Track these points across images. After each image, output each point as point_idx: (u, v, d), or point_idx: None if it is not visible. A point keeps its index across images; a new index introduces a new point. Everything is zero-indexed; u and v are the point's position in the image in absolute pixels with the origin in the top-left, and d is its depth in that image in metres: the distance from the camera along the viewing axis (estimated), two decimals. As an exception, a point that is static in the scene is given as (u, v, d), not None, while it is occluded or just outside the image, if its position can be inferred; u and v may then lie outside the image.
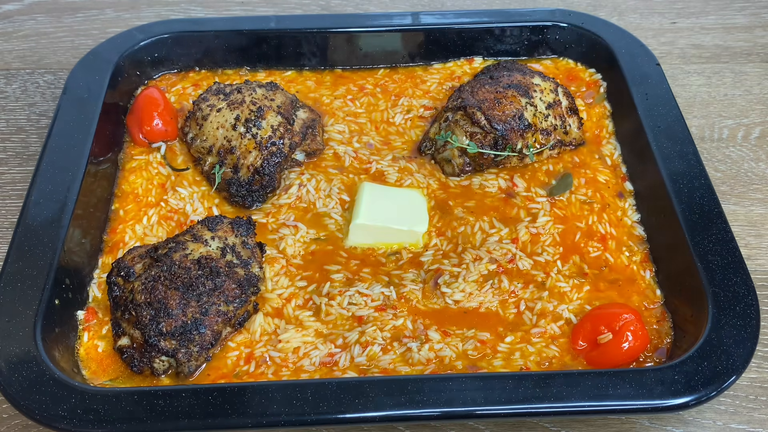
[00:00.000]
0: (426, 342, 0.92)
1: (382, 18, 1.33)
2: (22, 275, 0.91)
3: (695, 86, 1.35)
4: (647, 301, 0.97)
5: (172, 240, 0.95)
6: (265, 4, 1.54)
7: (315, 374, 0.89)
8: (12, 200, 1.16)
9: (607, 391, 0.80)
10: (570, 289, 0.98)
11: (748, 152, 1.22)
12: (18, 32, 1.46)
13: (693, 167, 1.04)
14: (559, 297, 0.97)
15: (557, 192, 1.09)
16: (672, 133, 1.08)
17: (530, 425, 0.89)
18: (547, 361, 0.91)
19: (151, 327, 0.87)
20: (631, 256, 1.02)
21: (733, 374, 0.82)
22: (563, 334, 0.93)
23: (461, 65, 1.29)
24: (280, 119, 1.10)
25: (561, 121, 1.13)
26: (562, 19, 1.28)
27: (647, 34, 1.45)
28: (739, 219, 1.12)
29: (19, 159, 1.22)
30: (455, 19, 1.30)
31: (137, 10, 1.52)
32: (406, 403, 0.79)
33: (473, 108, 1.09)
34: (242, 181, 1.07)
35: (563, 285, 0.99)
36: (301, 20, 1.32)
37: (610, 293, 0.98)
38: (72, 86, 1.15)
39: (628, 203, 1.08)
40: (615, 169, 1.13)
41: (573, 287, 0.98)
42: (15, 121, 1.28)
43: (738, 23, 1.48)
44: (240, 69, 1.29)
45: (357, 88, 1.26)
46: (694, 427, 0.89)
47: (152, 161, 1.14)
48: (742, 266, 0.92)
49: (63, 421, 0.79)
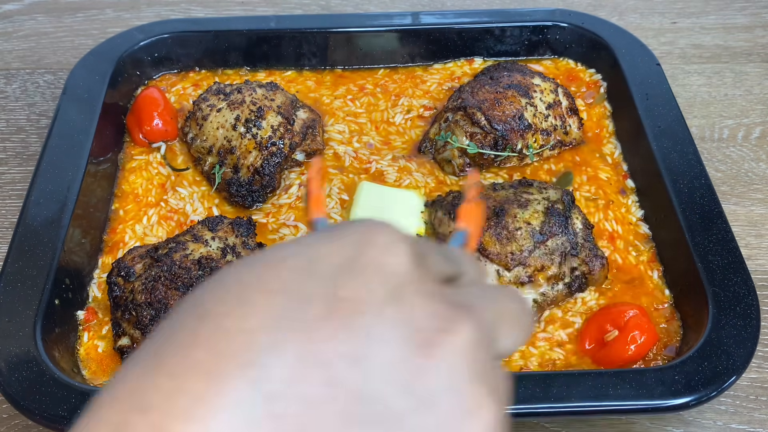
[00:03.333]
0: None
1: (382, 18, 1.33)
2: (22, 275, 0.91)
3: (695, 86, 1.35)
4: (656, 301, 0.97)
5: (173, 240, 0.95)
6: (265, 4, 1.54)
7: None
8: (12, 200, 1.16)
9: (608, 391, 0.80)
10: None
11: (748, 152, 1.22)
12: (18, 32, 1.46)
13: (693, 167, 1.04)
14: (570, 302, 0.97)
15: (557, 191, 1.09)
16: (672, 133, 1.08)
17: (530, 425, 0.89)
18: (550, 363, 0.90)
19: (152, 327, 0.87)
20: (638, 256, 1.02)
21: (734, 374, 0.82)
22: (570, 341, 0.93)
23: (461, 66, 1.29)
24: (280, 119, 1.10)
25: (561, 122, 1.13)
26: (563, 19, 1.28)
27: (647, 34, 1.45)
28: (739, 219, 1.11)
29: (19, 159, 1.22)
30: (455, 19, 1.30)
31: (137, 10, 1.52)
32: (406, 403, 0.79)
33: (473, 108, 1.09)
34: (242, 181, 1.07)
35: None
36: (301, 20, 1.32)
37: (624, 297, 0.97)
38: (72, 86, 1.15)
39: (631, 200, 1.08)
40: (616, 167, 1.13)
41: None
42: (15, 121, 1.28)
43: (738, 23, 1.48)
44: (240, 69, 1.29)
45: (357, 88, 1.26)
46: (694, 427, 0.89)
47: (152, 161, 1.14)
48: (742, 266, 0.91)
49: (63, 421, 0.79)
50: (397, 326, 0.36)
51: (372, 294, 0.37)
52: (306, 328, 0.35)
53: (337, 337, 0.35)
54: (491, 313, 0.42)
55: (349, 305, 0.36)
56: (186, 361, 0.34)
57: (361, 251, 0.38)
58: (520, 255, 0.91)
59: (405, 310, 0.37)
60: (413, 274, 0.39)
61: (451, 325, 0.37)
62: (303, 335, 0.35)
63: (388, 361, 0.35)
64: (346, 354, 0.35)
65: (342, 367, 0.34)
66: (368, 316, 0.36)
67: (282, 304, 0.36)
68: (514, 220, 0.93)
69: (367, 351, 0.35)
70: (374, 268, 0.38)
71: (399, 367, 0.35)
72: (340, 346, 0.35)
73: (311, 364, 0.34)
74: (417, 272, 0.39)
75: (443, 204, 1.00)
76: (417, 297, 0.38)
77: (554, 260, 0.93)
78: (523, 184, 1.00)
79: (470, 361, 0.37)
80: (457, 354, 0.37)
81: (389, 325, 0.36)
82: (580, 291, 0.96)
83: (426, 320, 0.37)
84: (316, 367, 0.34)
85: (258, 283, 0.37)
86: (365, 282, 0.37)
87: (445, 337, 0.37)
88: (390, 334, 0.36)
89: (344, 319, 0.36)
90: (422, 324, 0.37)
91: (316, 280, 0.37)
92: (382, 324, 0.36)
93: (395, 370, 0.35)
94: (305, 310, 0.36)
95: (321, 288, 0.37)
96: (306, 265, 0.38)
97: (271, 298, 0.36)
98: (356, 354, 0.35)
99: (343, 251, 0.38)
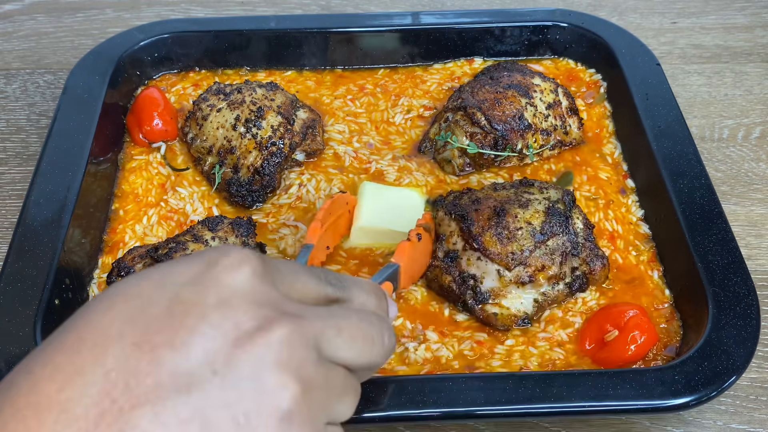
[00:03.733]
0: (423, 342, 0.92)
1: (382, 18, 1.33)
2: (22, 275, 0.91)
3: (695, 86, 1.35)
4: (656, 301, 0.96)
5: (173, 240, 0.95)
6: (265, 4, 1.54)
7: (315, 374, 0.89)
8: (12, 200, 1.16)
9: (608, 391, 0.80)
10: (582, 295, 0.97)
11: (748, 152, 1.22)
12: (18, 32, 1.46)
13: (693, 167, 1.04)
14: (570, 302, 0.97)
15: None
16: (672, 133, 1.08)
17: (530, 425, 0.89)
18: (550, 363, 0.90)
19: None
20: (638, 256, 1.02)
21: (734, 374, 0.81)
22: (570, 341, 0.93)
23: (461, 66, 1.29)
24: (280, 119, 1.10)
25: (561, 122, 1.13)
26: (563, 19, 1.28)
27: (647, 34, 1.45)
28: (739, 219, 1.11)
29: (19, 159, 1.22)
30: (455, 19, 1.30)
31: (137, 10, 1.52)
32: (406, 403, 0.79)
33: (473, 108, 1.09)
34: (242, 181, 1.07)
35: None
36: (301, 20, 1.32)
37: (624, 297, 0.97)
38: (72, 86, 1.15)
39: (631, 200, 1.08)
40: (616, 167, 1.13)
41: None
42: (15, 121, 1.28)
43: (738, 23, 1.48)
44: (240, 69, 1.29)
45: (357, 88, 1.26)
46: (694, 427, 0.89)
47: (152, 161, 1.14)
48: (742, 266, 0.91)
49: (63, 421, 0.79)
50: (219, 325, 0.48)
51: (204, 300, 0.49)
52: (144, 318, 0.48)
53: (165, 329, 0.47)
54: (326, 326, 0.53)
55: (184, 308, 0.48)
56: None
57: (207, 269, 0.51)
58: (520, 255, 0.91)
59: (229, 314, 0.49)
60: (254, 288, 0.51)
61: (269, 325, 0.49)
62: (142, 327, 0.47)
63: (205, 350, 0.47)
64: (170, 342, 0.47)
65: (164, 352, 0.46)
66: (195, 317, 0.48)
67: (136, 306, 0.49)
68: (514, 219, 0.93)
69: (189, 340, 0.47)
70: (214, 282, 0.50)
71: (213, 355, 0.47)
72: (167, 337, 0.47)
73: (143, 351, 0.46)
74: (260, 288, 0.51)
75: (444, 203, 1.00)
76: (246, 304, 0.49)
77: (555, 260, 0.93)
78: (524, 183, 1.00)
79: (278, 353, 0.48)
80: (266, 348, 0.48)
81: (213, 323, 0.48)
82: (580, 291, 0.96)
83: (248, 322, 0.49)
84: (144, 353, 0.46)
85: (123, 290, 0.50)
86: (202, 291, 0.49)
87: (259, 334, 0.49)
88: (212, 332, 0.48)
89: (177, 317, 0.48)
90: (244, 325, 0.49)
91: (165, 290, 0.50)
92: (206, 323, 0.48)
93: (209, 356, 0.47)
94: (147, 308, 0.48)
95: (167, 295, 0.49)
96: (160, 279, 0.51)
97: (128, 302, 0.49)
98: (178, 342, 0.47)
99: (193, 269, 0.51)
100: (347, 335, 0.55)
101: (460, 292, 0.93)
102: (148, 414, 0.44)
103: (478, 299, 0.92)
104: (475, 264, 0.93)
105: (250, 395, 0.47)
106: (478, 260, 0.93)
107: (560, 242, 0.93)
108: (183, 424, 0.45)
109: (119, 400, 0.44)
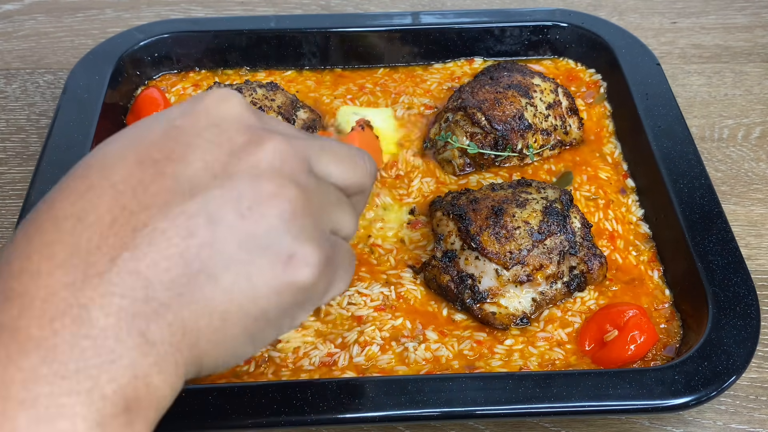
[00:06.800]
0: (423, 342, 0.92)
1: (382, 18, 1.33)
2: (22, 275, 0.90)
3: (695, 86, 1.35)
4: (656, 301, 0.96)
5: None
6: (265, 4, 1.54)
7: (315, 374, 0.89)
8: (12, 200, 1.16)
9: (608, 391, 0.80)
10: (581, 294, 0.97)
11: (748, 152, 1.22)
12: (18, 32, 1.46)
13: (693, 167, 1.03)
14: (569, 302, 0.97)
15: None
16: (672, 133, 1.08)
17: (530, 425, 0.89)
18: (550, 363, 0.90)
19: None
20: (638, 256, 1.02)
21: (734, 374, 0.81)
22: (570, 341, 0.93)
23: (461, 65, 1.29)
24: (281, 119, 1.10)
25: (561, 122, 1.13)
26: (563, 19, 1.28)
27: (647, 34, 1.45)
28: (739, 219, 1.11)
29: (19, 159, 1.22)
30: (455, 19, 1.30)
31: (137, 10, 1.52)
32: (406, 403, 0.79)
33: (473, 108, 1.09)
34: (242, 181, 1.07)
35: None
36: (301, 20, 1.32)
37: (624, 297, 0.97)
38: (72, 86, 1.15)
39: (631, 199, 1.08)
40: (616, 166, 1.13)
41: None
42: (15, 121, 1.28)
43: (738, 23, 1.48)
44: (240, 69, 1.29)
45: (357, 88, 1.26)
46: (694, 427, 0.89)
47: (152, 161, 1.14)
48: (742, 266, 0.91)
49: (62, 420, 0.79)
50: (214, 140, 0.54)
51: (197, 124, 0.55)
52: (144, 143, 0.54)
53: (164, 148, 0.53)
54: (313, 144, 0.58)
55: (179, 131, 0.54)
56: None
57: (197, 103, 0.56)
58: (518, 254, 0.91)
59: (223, 133, 0.54)
60: (242, 114, 0.56)
61: (260, 140, 0.55)
62: (143, 149, 0.53)
63: (203, 160, 0.53)
64: (169, 156, 0.53)
65: (166, 164, 0.52)
66: (191, 135, 0.54)
67: (135, 135, 0.55)
68: (512, 219, 0.93)
69: (187, 153, 0.53)
70: (205, 112, 0.55)
71: (212, 164, 0.53)
72: (166, 152, 0.53)
73: (146, 165, 0.52)
74: (248, 114, 0.57)
75: (442, 203, 1.00)
76: (237, 124, 0.55)
77: (553, 259, 0.93)
78: (522, 183, 1.00)
79: (272, 161, 0.54)
80: (261, 156, 0.54)
81: (209, 138, 0.54)
82: (579, 290, 0.96)
83: (241, 137, 0.54)
84: (147, 167, 0.52)
85: (123, 131, 0.57)
86: (194, 118, 0.55)
87: (252, 146, 0.54)
88: (208, 145, 0.53)
89: (173, 138, 0.54)
90: (237, 139, 0.54)
91: (160, 121, 0.56)
92: (202, 138, 0.54)
93: (208, 164, 0.52)
94: (145, 135, 0.55)
95: (162, 125, 0.55)
96: (155, 116, 0.57)
97: (128, 135, 0.56)
98: (177, 156, 0.53)
99: (184, 105, 0.57)
100: (331, 154, 0.60)
101: (458, 292, 0.93)
102: (156, 214, 0.50)
103: (476, 298, 0.92)
104: (473, 263, 0.93)
105: (251, 194, 0.52)
106: (476, 260, 0.93)
107: (558, 241, 0.93)
108: (190, 218, 0.50)
109: (128, 206, 0.50)
